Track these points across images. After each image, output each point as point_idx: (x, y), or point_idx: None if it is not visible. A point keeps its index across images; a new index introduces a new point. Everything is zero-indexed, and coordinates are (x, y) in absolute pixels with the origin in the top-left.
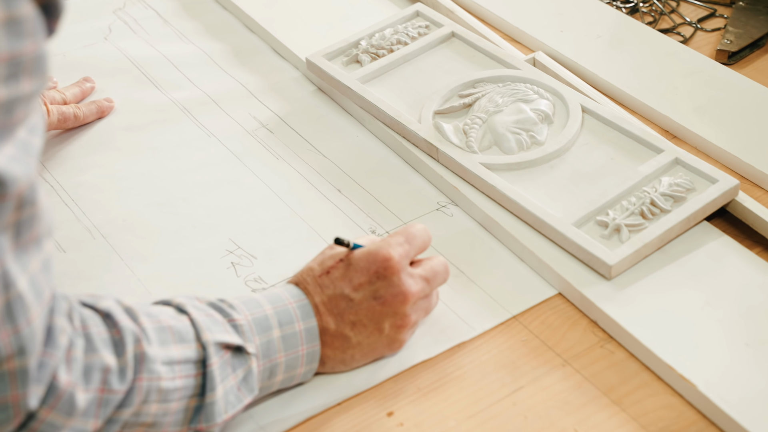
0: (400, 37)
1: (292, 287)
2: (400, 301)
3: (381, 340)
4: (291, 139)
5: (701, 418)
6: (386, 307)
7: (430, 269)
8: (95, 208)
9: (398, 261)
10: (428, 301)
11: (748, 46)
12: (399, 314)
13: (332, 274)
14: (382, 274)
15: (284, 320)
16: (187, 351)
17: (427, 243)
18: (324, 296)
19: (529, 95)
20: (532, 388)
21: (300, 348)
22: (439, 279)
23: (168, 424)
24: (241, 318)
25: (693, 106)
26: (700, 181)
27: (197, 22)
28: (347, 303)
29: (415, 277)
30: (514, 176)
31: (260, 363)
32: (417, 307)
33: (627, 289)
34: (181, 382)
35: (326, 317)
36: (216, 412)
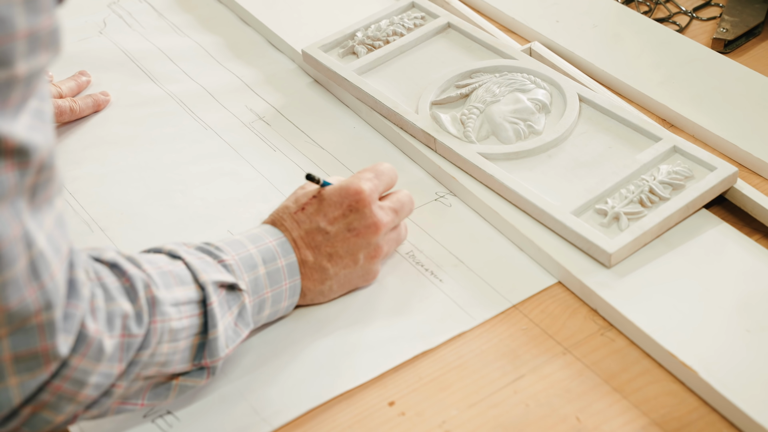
0: (396, 29)
1: (269, 227)
2: (372, 231)
3: (356, 271)
4: (288, 131)
5: (702, 404)
6: (360, 238)
7: (397, 201)
8: (93, 201)
9: (369, 194)
10: (397, 232)
11: (744, 34)
12: (372, 244)
13: (307, 209)
14: (355, 206)
15: (267, 258)
16: (189, 292)
17: (394, 180)
18: (301, 231)
19: (526, 85)
20: (533, 377)
21: (283, 283)
22: (405, 210)
23: (176, 362)
24: (229, 258)
25: (690, 94)
26: (698, 169)
27: (192, 15)
28: (323, 236)
29: (385, 208)
30: (512, 166)
31: (251, 299)
32: (388, 238)
33: (627, 277)
34: (188, 321)
35: (304, 251)
36: (219, 347)
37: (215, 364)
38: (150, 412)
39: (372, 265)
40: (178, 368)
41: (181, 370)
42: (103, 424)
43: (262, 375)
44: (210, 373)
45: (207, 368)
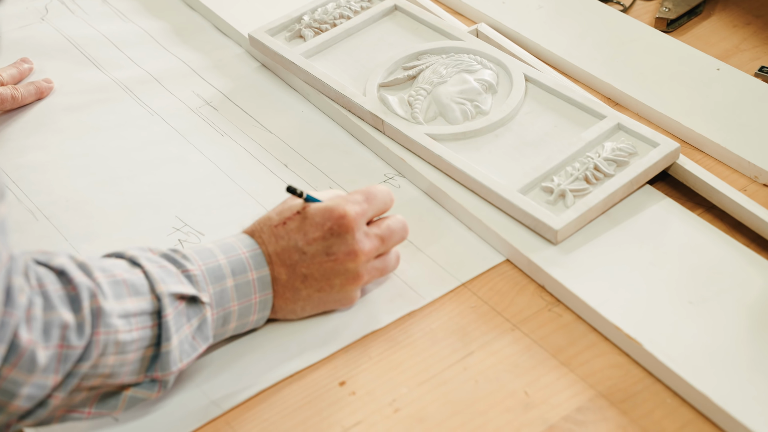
0: (343, 11)
1: (245, 237)
2: (351, 258)
3: (331, 296)
4: (236, 116)
5: (647, 375)
6: (337, 264)
7: (387, 228)
8: (37, 189)
9: (354, 218)
10: (384, 260)
11: (685, 13)
12: (350, 272)
13: (288, 225)
14: (337, 230)
15: (237, 269)
16: (143, 303)
17: (388, 205)
18: (278, 246)
19: (473, 66)
20: (483, 353)
21: (253, 296)
22: (395, 238)
23: (125, 374)
24: (195, 268)
25: (633, 73)
26: (641, 146)
27: (136, 1)
28: (300, 256)
29: (370, 236)
30: (460, 146)
31: (214, 312)
32: (370, 267)
33: (573, 253)
34: (138, 333)
35: (278, 267)
36: (171, 360)
37: (167, 377)
38: None
39: (349, 292)
40: (127, 380)
41: (130, 381)
42: None
43: (211, 359)
44: (162, 386)
45: (159, 381)
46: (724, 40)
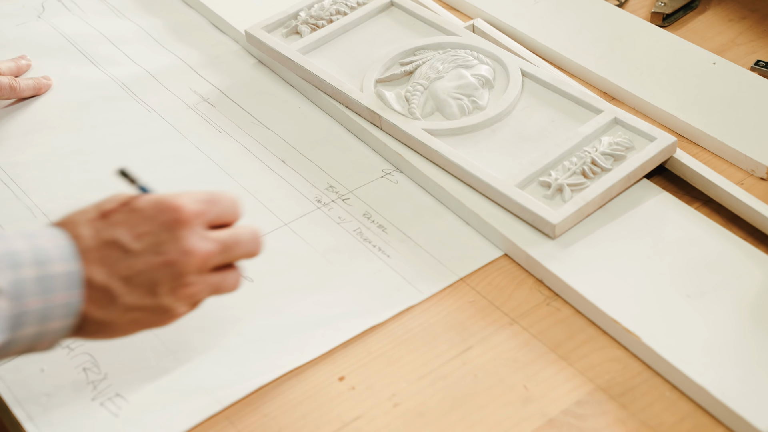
0: (339, 7)
1: (53, 228)
2: (184, 261)
3: (152, 306)
4: (233, 113)
5: (646, 368)
6: (168, 266)
7: (233, 236)
8: (35, 186)
9: (190, 214)
10: (223, 277)
11: (681, 8)
12: (181, 278)
13: (112, 218)
14: (170, 225)
15: (40, 258)
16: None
17: (234, 215)
18: (96, 241)
19: (470, 61)
20: (481, 348)
21: (57, 295)
22: (242, 249)
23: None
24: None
25: (630, 67)
26: (638, 140)
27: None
28: (123, 253)
29: (209, 239)
30: (457, 141)
31: (8, 304)
32: (205, 279)
33: (571, 248)
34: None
35: (94, 266)
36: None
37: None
38: (98, 395)
39: (174, 303)
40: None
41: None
42: (50, 408)
43: (212, 355)
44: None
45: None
46: (719, 34)
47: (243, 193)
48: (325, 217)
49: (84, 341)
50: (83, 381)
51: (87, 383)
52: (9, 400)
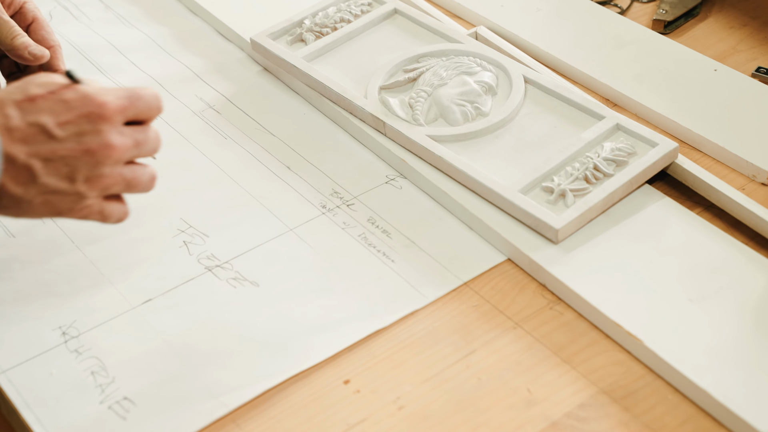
0: (344, 15)
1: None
2: (103, 153)
3: (68, 193)
4: (238, 119)
5: (648, 371)
6: (87, 156)
7: (142, 131)
8: None
9: (113, 110)
10: (134, 170)
11: (682, 15)
12: (97, 168)
13: (38, 103)
14: (93, 119)
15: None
16: None
17: (154, 111)
18: (21, 122)
19: (473, 68)
20: (485, 351)
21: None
22: (149, 146)
23: None
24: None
25: (632, 74)
26: (640, 145)
27: (139, 7)
28: (47, 138)
29: (126, 134)
30: (461, 147)
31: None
32: (119, 172)
33: (573, 252)
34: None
35: (17, 145)
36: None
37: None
38: (106, 398)
39: (88, 192)
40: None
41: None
42: (59, 411)
43: (218, 358)
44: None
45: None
46: (720, 41)
47: (248, 198)
48: (330, 223)
49: None
50: (91, 384)
51: (95, 386)
52: (18, 404)
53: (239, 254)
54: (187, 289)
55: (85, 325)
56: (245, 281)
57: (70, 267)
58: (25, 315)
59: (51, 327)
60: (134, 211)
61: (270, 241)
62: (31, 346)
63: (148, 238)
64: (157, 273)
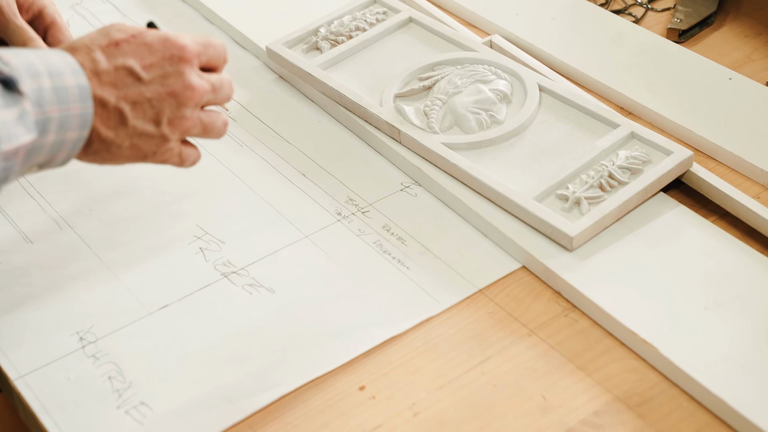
0: (359, 24)
1: (63, 52)
2: (185, 95)
3: (153, 136)
4: (254, 127)
5: (663, 379)
6: (171, 98)
7: (218, 79)
8: (61, 198)
9: (192, 53)
10: (210, 116)
11: (697, 24)
12: (179, 110)
13: (123, 47)
14: (174, 60)
15: (54, 71)
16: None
17: (222, 60)
18: (109, 65)
19: (488, 76)
20: (500, 358)
21: (73, 105)
22: (225, 92)
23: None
24: (6, 56)
25: (646, 82)
26: (655, 154)
27: (156, 16)
28: (134, 80)
29: (204, 77)
30: (475, 155)
31: (34, 111)
32: (197, 115)
33: (588, 260)
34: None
35: (106, 88)
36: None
37: None
38: (123, 403)
39: (170, 134)
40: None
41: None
42: (77, 416)
43: (234, 364)
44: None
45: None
46: (735, 50)
47: (264, 206)
48: (345, 230)
49: None
50: (109, 389)
51: (112, 391)
52: (36, 408)
53: (255, 261)
54: (203, 296)
55: (103, 331)
56: (261, 287)
57: (88, 273)
58: (43, 320)
59: (68, 332)
60: (151, 218)
61: (285, 247)
62: (48, 351)
63: (164, 244)
64: (174, 279)
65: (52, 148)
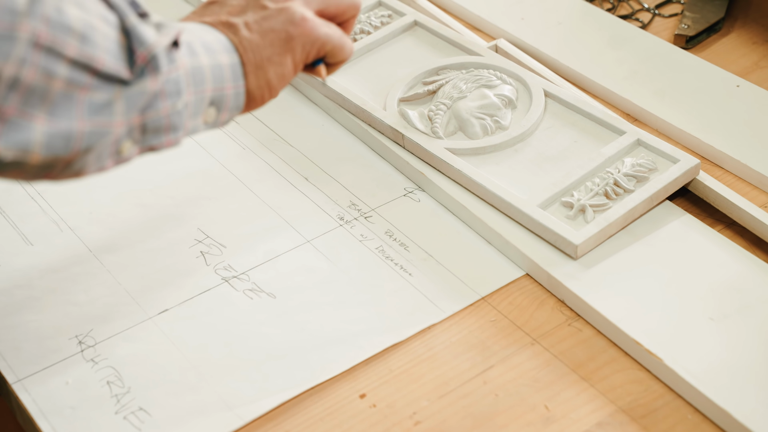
0: (363, 27)
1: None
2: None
3: (273, 11)
4: (257, 130)
5: (668, 390)
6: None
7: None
8: (62, 200)
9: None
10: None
11: (704, 30)
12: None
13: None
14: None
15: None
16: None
17: (352, 6)
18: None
19: (493, 81)
20: (503, 367)
21: (207, 35)
22: (343, 42)
23: (100, 46)
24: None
25: (653, 89)
26: (661, 161)
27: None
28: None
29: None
30: (479, 160)
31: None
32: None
33: (593, 268)
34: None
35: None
36: (145, 33)
37: (153, 51)
38: (121, 409)
39: (289, 4)
40: (108, 61)
41: (113, 68)
42: (74, 421)
43: (234, 370)
44: (153, 69)
45: (146, 65)
46: (743, 57)
47: (266, 210)
48: (348, 235)
49: None
50: (107, 394)
51: (111, 396)
52: (34, 413)
53: (256, 265)
54: (203, 300)
55: (102, 335)
56: (262, 293)
57: (88, 276)
58: (41, 323)
59: (67, 336)
60: (152, 220)
61: (287, 252)
62: (47, 355)
63: (165, 247)
64: (174, 283)
65: (213, 73)
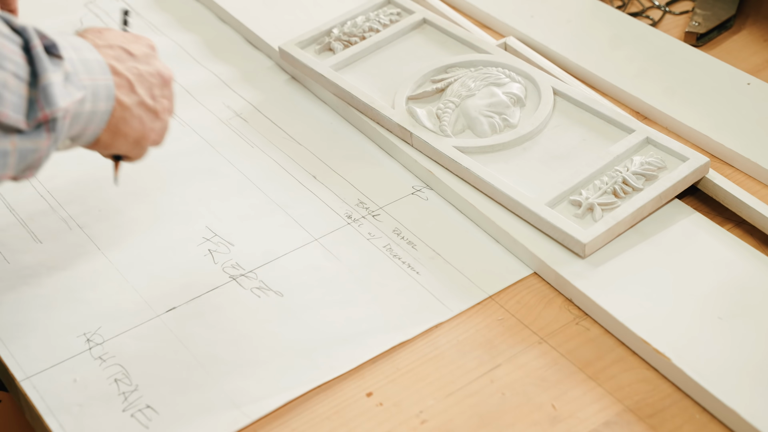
0: (372, 25)
1: (65, 33)
2: (167, 75)
3: (150, 109)
4: (265, 128)
5: (676, 390)
6: (158, 75)
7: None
8: (71, 198)
9: (153, 44)
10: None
11: (715, 27)
12: (164, 89)
13: (105, 33)
14: (149, 46)
15: (75, 45)
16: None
17: None
18: (105, 43)
19: (501, 79)
20: (510, 366)
21: (99, 76)
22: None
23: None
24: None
25: (663, 87)
26: (671, 160)
27: (169, 14)
28: (129, 56)
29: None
30: (488, 159)
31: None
32: (170, 93)
33: (601, 267)
34: (9, 53)
35: (113, 61)
36: (54, 94)
37: (55, 115)
38: (129, 406)
39: (160, 113)
40: (10, 115)
41: (13, 120)
42: (82, 418)
43: (241, 368)
44: (49, 129)
45: (45, 123)
46: (754, 54)
47: (274, 208)
48: (356, 233)
49: None
50: (114, 392)
51: (118, 394)
52: (42, 410)
53: (264, 263)
54: (211, 298)
55: (110, 332)
56: (269, 291)
57: (96, 273)
58: (50, 321)
59: (76, 333)
60: (161, 218)
61: (295, 250)
62: (55, 353)
63: (173, 245)
64: (182, 281)
65: (87, 118)
